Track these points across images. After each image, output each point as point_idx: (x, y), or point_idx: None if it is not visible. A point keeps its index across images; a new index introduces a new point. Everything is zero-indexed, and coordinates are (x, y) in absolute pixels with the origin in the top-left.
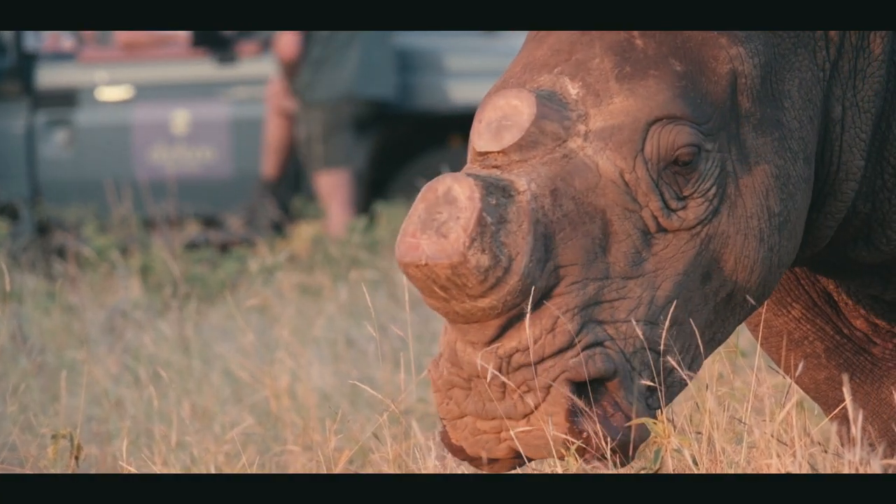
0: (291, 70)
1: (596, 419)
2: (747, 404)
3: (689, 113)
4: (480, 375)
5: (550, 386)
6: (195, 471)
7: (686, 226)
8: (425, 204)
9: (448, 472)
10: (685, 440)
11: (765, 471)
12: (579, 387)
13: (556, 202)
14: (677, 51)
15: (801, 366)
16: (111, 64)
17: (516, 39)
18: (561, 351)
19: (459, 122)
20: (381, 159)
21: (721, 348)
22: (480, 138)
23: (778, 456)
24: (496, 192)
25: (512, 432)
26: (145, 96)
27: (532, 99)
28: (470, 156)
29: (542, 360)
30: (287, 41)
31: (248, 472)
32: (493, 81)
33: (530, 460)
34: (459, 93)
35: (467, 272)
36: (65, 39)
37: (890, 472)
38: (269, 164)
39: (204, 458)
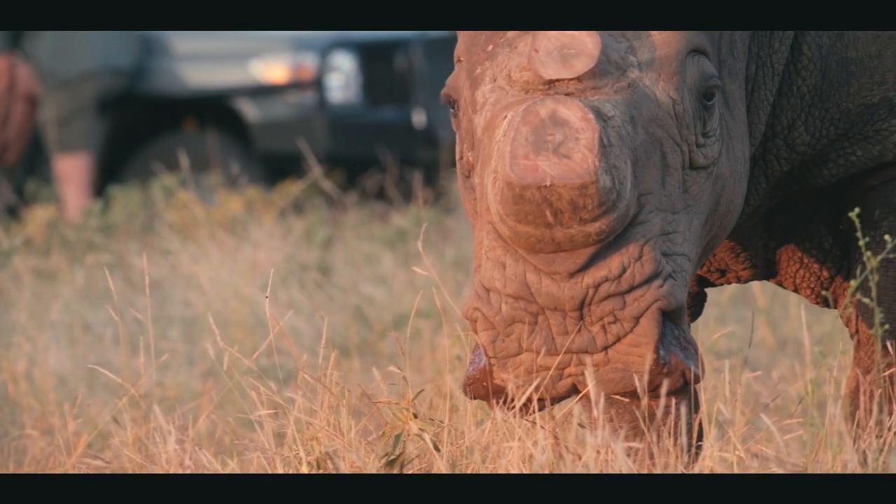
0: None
1: (682, 349)
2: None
3: (707, 48)
4: (560, 307)
5: (640, 316)
6: None
7: (705, 164)
8: (530, 126)
9: (189, 455)
10: (426, 425)
11: (506, 453)
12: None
13: (636, 129)
14: None
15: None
16: None
17: None
18: (649, 280)
19: (194, 106)
20: (116, 143)
21: (461, 329)
22: (546, 66)
23: (520, 439)
24: (597, 116)
25: (577, 368)
26: None
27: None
28: (519, 85)
29: (631, 288)
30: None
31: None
32: (227, 65)
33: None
34: (193, 76)
35: (595, 192)
36: None
37: (632, 454)
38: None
39: None
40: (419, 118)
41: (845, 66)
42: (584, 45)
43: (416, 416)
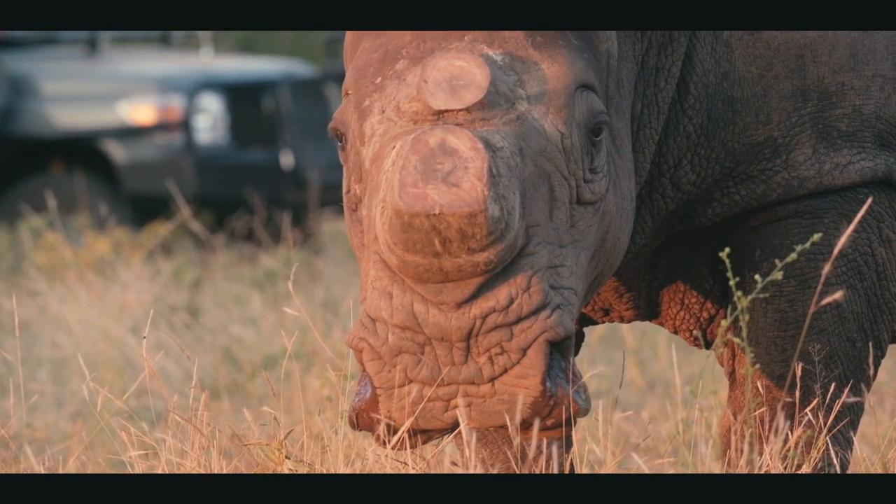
0: None
1: (568, 382)
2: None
3: (595, 84)
4: (447, 338)
5: (527, 347)
6: None
7: (593, 199)
8: (419, 155)
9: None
10: (297, 466)
11: None
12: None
13: (524, 161)
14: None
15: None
16: None
17: (117, 63)
18: (537, 311)
19: (61, 147)
20: None
21: (331, 371)
22: (435, 97)
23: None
24: (486, 146)
25: (463, 399)
26: None
27: (481, 60)
28: (408, 116)
29: (519, 320)
30: None
31: None
32: (94, 106)
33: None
34: (60, 118)
35: (484, 221)
36: None
37: None
38: None
39: None
40: (287, 159)
41: (731, 105)
42: (473, 76)
43: (287, 457)
